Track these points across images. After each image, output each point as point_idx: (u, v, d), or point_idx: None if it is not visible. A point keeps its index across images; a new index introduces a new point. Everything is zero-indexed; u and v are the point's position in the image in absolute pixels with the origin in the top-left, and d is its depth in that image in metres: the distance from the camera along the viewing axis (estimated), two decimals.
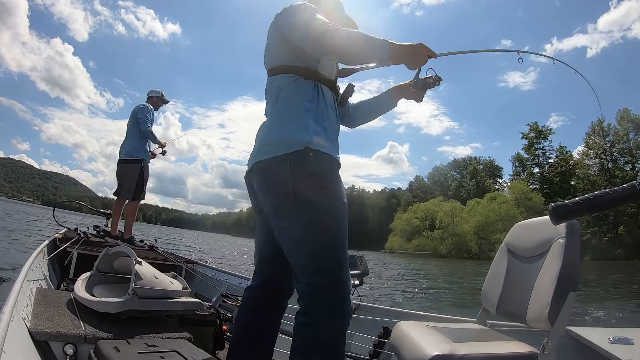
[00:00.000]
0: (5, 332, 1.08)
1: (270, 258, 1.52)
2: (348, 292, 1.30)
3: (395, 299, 8.35)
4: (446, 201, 58.66)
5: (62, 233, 3.91)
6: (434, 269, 22.39)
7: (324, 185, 1.32)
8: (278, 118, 1.40)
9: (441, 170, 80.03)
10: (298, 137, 1.31)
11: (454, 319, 2.04)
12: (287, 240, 1.34)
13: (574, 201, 0.96)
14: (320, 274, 1.27)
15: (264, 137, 1.41)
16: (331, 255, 1.29)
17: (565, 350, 1.62)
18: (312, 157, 1.30)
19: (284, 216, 1.31)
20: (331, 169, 1.36)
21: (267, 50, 1.50)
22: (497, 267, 1.69)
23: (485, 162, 73.11)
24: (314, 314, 1.25)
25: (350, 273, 1.39)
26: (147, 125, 4.50)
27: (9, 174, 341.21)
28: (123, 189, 4.54)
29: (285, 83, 1.41)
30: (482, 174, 69.90)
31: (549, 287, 1.30)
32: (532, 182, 56.56)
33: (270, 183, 1.35)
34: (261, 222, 1.54)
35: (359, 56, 1.37)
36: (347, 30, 1.29)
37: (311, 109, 1.38)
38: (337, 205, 1.33)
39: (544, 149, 57.38)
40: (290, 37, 1.39)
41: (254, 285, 1.56)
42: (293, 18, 1.39)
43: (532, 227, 1.60)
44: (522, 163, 59.51)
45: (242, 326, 1.51)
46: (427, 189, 78.83)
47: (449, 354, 1.21)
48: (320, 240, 1.29)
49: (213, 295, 3.28)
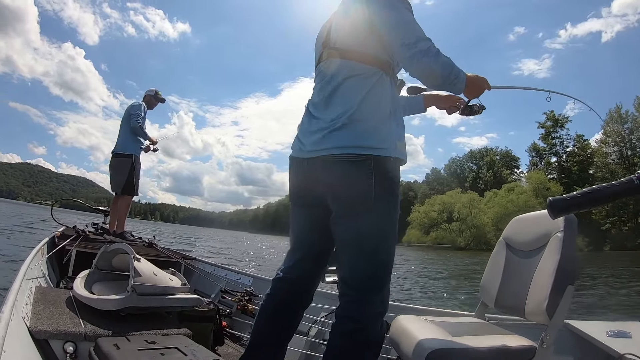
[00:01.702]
0: (5, 331, 1.08)
1: (314, 255, 1.48)
2: (389, 301, 1.33)
3: (415, 296, 8.34)
4: (463, 193, 58.05)
5: (61, 231, 3.90)
6: (452, 264, 21.86)
7: (397, 193, 1.32)
8: (364, 115, 1.29)
9: (457, 162, 79.10)
10: (385, 142, 1.28)
11: (452, 313, 2.05)
12: (353, 241, 1.30)
13: (572, 195, 0.96)
14: (376, 282, 1.28)
15: (344, 128, 1.28)
16: (389, 266, 1.31)
17: (564, 344, 1.63)
18: (393, 163, 1.29)
19: (357, 217, 1.28)
20: (399, 176, 1.36)
21: (349, 29, 1.36)
22: (496, 261, 1.69)
23: (501, 153, 72.14)
24: (367, 322, 1.27)
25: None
26: (136, 122, 4.59)
27: (27, 178, 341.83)
28: (113, 182, 4.64)
29: (372, 77, 1.32)
30: (499, 164, 69.03)
31: (547, 281, 1.30)
32: (549, 171, 55.75)
33: (350, 179, 1.28)
34: (309, 216, 1.46)
35: (444, 86, 1.33)
36: (443, 56, 1.26)
37: (394, 110, 1.34)
38: (398, 216, 1.34)
39: (561, 137, 56.50)
40: (381, 31, 1.29)
41: (287, 277, 1.51)
42: (390, 11, 1.28)
43: (530, 221, 1.60)
44: (539, 153, 58.55)
45: (269, 318, 1.49)
46: (444, 181, 77.71)
47: (447, 347, 1.22)
48: (385, 250, 1.30)
49: (212, 291, 3.29)
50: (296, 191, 1.48)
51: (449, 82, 1.29)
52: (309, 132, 1.37)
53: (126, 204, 4.65)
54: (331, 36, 1.41)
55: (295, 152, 1.43)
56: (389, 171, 1.28)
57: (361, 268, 1.29)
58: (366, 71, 1.32)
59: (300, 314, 1.55)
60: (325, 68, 1.40)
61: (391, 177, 1.29)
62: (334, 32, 1.40)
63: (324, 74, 1.40)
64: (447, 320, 1.56)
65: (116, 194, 4.62)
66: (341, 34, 1.38)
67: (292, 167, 1.46)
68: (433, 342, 1.24)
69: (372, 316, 1.27)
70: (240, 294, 2.97)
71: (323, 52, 1.43)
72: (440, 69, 1.25)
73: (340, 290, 1.33)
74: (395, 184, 1.31)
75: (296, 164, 1.44)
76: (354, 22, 1.34)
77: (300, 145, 1.40)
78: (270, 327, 1.49)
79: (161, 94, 5.05)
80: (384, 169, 1.27)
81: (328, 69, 1.39)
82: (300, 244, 1.51)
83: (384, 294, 1.30)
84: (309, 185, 1.39)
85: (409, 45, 1.24)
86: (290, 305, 1.51)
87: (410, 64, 1.28)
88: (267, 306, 1.51)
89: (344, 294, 1.30)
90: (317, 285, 1.56)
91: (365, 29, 1.31)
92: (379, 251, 1.29)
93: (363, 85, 1.31)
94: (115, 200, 4.62)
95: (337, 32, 1.39)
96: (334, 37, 1.39)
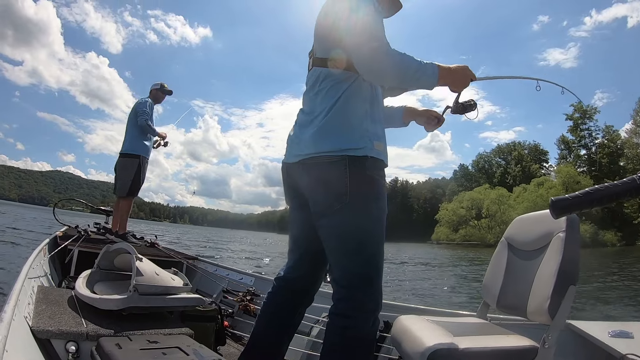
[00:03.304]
0: (7, 331, 1.08)
1: (311, 254, 1.51)
2: (382, 297, 1.34)
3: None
4: (492, 189, 57.33)
5: (63, 231, 3.91)
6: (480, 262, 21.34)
7: (376, 192, 1.33)
8: (337, 117, 1.32)
9: (485, 157, 78.29)
10: (359, 142, 1.29)
11: (454, 313, 2.05)
12: (334, 240, 1.34)
13: (574, 195, 0.96)
14: (364, 279, 1.30)
15: (319, 132, 1.33)
16: (376, 262, 1.32)
17: (566, 344, 1.62)
18: (369, 162, 1.30)
19: (335, 216, 1.30)
20: (383, 176, 1.36)
21: (322, 36, 1.39)
22: (498, 261, 1.69)
23: (530, 147, 70.99)
24: (355, 318, 1.28)
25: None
26: (143, 119, 4.46)
27: (58, 185, 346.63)
28: (118, 183, 4.48)
29: (346, 81, 1.34)
30: (527, 159, 67.93)
31: (549, 281, 1.30)
32: (579, 164, 54.34)
33: (325, 180, 1.31)
34: (301, 217, 1.50)
35: (406, 84, 1.34)
36: (399, 56, 1.24)
37: (370, 111, 1.36)
38: (384, 214, 1.35)
39: (589, 129, 54.69)
40: (340, 37, 1.28)
41: (288, 277, 1.55)
42: (346, 16, 1.26)
43: (532, 221, 1.59)
44: (568, 145, 56.90)
45: (270, 315, 1.53)
46: (471, 177, 77.07)
47: (449, 347, 1.22)
48: (368, 247, 1.31)
49: (214, 291, 3.29)
50: (288, 194, 1.54)
51: (409, 80, 1.28)
52: (296, 137, 1.43)
53: (128, 205, 4.58)
54: (313, 45, 1.45)
55: (285, 158, 1.49)
56: (365, 170, 1.29)
57: (346, 266, 1.32)
58: (340, 75, 1.35)
59: (301, 313, 1.57)
60: (310, 77, 1.45)
61: (369, 176, 1.30)
62: (314, 41, 1.44)
63: (309, 82, 1.45)
64: (449, 321, 1.56)
65: (119, 196, 4.49)
66: (317, 42, 1.42)
67: (282, 172, 1.53)
68: (435, 342, 1.24)
69: (362, 313, 1.29)
70: (242, 294, 2.97)
71: (309, 62, 1.47)
72: (390, 69, 1.24)
73: (333, 289, 1.36)
74: (373, 183, 1.31)
75: (285, 168, 1.50)
76: (324, 29, 1.38)
77: (288, 150, 1.47)
78: (270, 325, 1.51)
79: (167, 85, 4.88)
80: (360, 168, 1.29)
81: (311, 78, 1.43)
82: (297, 244, 1.56)
83: (374, 291, 1.31)
84: (295, 188, 1.46)
85: (355, 50, 1.25)
86: (290, 304, 1.53)
87: (360, 69, 1.27)
88: (268, 305, 1.55)
89: (335, 292, 1.34)
90: (318, 285, 1.57)
91: (333, 35, 1.33)
92: (363, 249, 1.30)
93: (338, 89, 1.34)
94: (117, 202, 4.53)
95: (315, 41, 1.44)
96: (314, 46, 1.44)
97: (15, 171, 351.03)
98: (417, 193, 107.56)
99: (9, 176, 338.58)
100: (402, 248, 40.28)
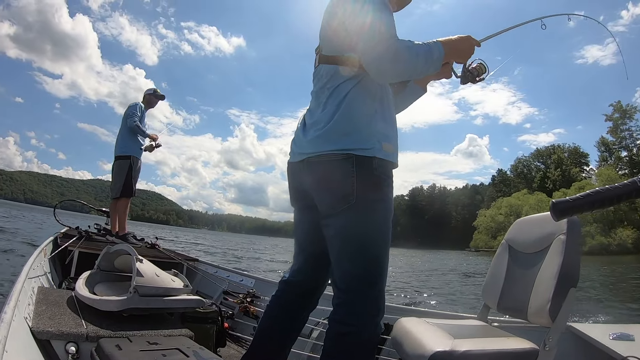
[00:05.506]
0: (7, 331, 1.08)
1: (316, 258, 1.48)
2: (384, 302, 1.32)
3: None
4: (531, 194, 56.09)
5: (63, 232, 3.91)
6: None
7: (383, 193, 1.30)
8: (345, 116, 1.29)
9: (524, 162, 76.75)
10: (367, 143, 1.27)
11: (455, 316, 2.04)
12: (338, 240, 1.30)
13: (575, 197, 0.95)
14: (364, 281, 1.27)
15: (325, 131, 1.30)
16: (378, 265, 1.29)
17: (566, 347, 1.62)
18: (377, 163, 1.27)
19: (340, 216, 1.28)
20: (391, 177, 1.34)
21: (330, 32, 1.36)
22: (498, 264, 1.69)
23: (569, 149, 69.22)
24: (357, 325, 1.25)
25: None
26: (133, 121, 4.63)
27: (99, 193, 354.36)
28: (112, 185, 4.63)
29: (354, 79, 1.31)
30: (567, 162, 66.32)
31: (550, 283, 1.30)
32: (620, 167, 52.60)
33: (331, 179, 1.28)
34: (306, 220, 1.49)
35: (417, 75, 1.32)
36: (407, 53, 1.19)
37: (381, 110, 1.33)
38: (390, 216, 1.32)
39: (630, 129, 53.03)
40: (350, 36, 1.26)
41: (292, 280, 1.52)
42: (354, 14, 1.24)
43: (533, 223, 1.59)
44: (608, 147, 55.26)
45: (273, 319, 1.51)
46: (510, 182, 75.67)
47: (450, 350, 1.21)
48: (371, 249, 1.28)
49: (214, 292, 3.29)
50: (292, 195, 1.51)
51: (419, 73, 1.28)
52: (301, 136, 1.40)
53: (124, 205, 4.64)
54: (319, 43, 1.43)
55: (290, 158, 1.47)
56: (372, 170, 1.27)
57: (348, 269, 1.28)
58: (348, 73, 1.32)
59: (305, 316, 1.54)
60: (316, 74, 1.43)
61: (376, 176, 1.28)
62: (320, 38, 1.42)
63: (316, 80, 1.43)
64: (450, 323, 1.55)
65: (114, 197, 4.60)
66: (324, 40, 1.40)
67: (287, 172, 1.50)
68: (435, 344, 1.23)
69: (363, 318, 1.26)
70: (242, 296, 2.97)
71: (316, 58, 1.45)
72: (401, 70, 1.22)
73: (333, 292, 1.33)
74: (381, 184, 1.29)
75: (290, 168, 1.47)
76: (332, 26, 1.34)
77: (293, 150, 1.44)
78: (273, 328, 1.49)
79: (159, 91, 5.09)
80: (367, 169, 1.26)
81: (318, 75, 1.41)
82: (302, 247, 1.52)
83: (376, 295, 1.28)
84: (300, 187, 1.43)
85: (363, 53, 1.22)
86: (294, 307, 1.51)
87: (369, 73, 1.25)
88: (272, 308, 1.53)
89: (334, 296, 1.31)
90: (323, 288, 1.55)
91: (341, 33, 1.30)
92: (365, 251, 1.27)
93: (345, 87, 1.31)
94: (113, 203, 4.61)
95: (321, 39, 1.41)
96: (320, 44, 1.42)
97: (58, 180, 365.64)
98: (454, 200, 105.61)
99: (52, 184, 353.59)
100: (436, 255, 38.63)
